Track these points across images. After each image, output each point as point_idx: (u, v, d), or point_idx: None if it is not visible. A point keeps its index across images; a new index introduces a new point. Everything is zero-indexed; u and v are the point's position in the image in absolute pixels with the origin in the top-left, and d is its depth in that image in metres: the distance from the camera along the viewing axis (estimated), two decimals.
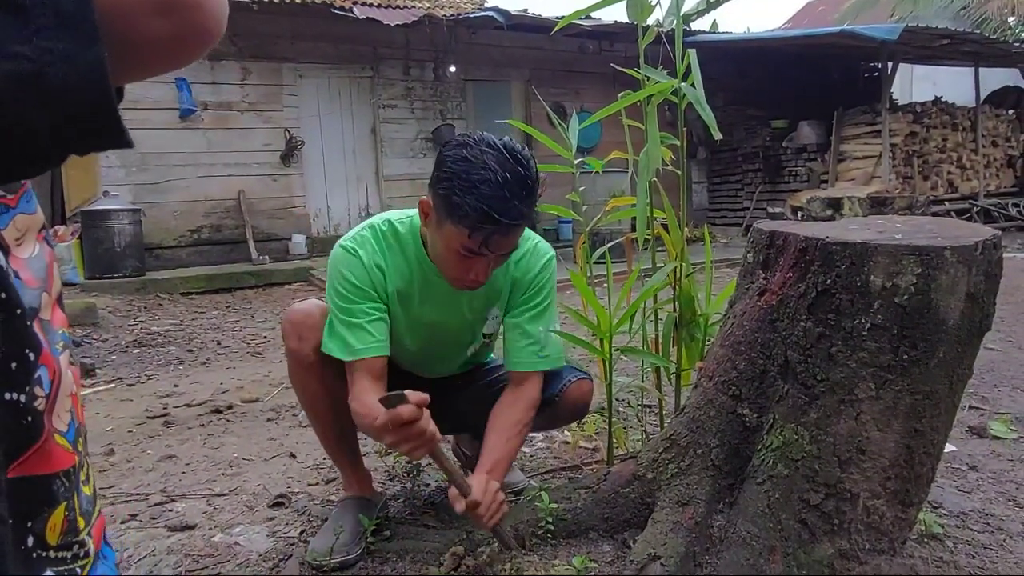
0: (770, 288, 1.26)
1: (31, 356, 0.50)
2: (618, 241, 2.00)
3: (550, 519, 1.50)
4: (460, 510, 1.32)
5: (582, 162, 1.89)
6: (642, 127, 1.70)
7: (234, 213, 7.75)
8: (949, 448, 2.01)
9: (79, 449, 0.58)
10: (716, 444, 1.35)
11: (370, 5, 7.88)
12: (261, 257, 7.46)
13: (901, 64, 9.67)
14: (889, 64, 9.17)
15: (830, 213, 8.12)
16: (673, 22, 1.73)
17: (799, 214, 8.74)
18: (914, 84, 14.39)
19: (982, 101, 10.28)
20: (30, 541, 0.52)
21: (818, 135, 9.80)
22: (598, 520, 1.53)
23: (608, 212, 1.92)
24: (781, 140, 10.24)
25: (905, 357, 1.12)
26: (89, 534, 0.59)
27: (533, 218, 1.35)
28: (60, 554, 0.55)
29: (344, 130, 8.55)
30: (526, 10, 8.59)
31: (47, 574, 0.53)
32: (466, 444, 2.00)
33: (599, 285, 1.89)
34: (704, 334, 1.76)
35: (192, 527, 1.76)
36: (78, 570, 0.57)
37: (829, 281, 1.16)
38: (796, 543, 1.20)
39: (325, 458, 2.03)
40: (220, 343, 4.42)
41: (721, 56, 9.59)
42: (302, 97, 8.15)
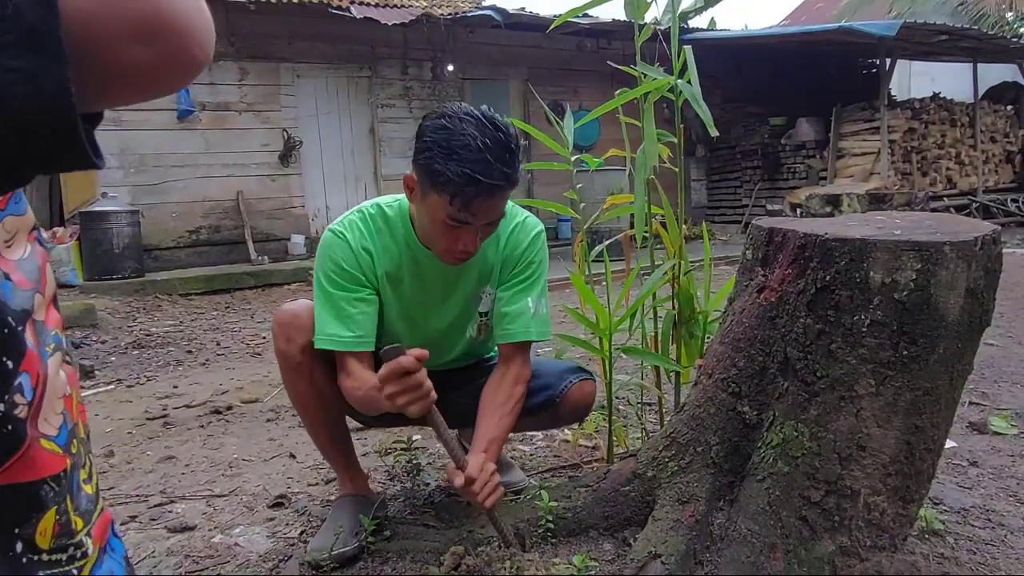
0: (769, 285, 1.26)
1: (9, 364, 0.50)
2: (616, 239, 2.00)
3: (550, 518, 1.50)
4: (458, 484, 1.32)
5: (580, 160, 1.88)
6: (640, 125, 1.69)
7: (232, 214, 7.75)
8: (949, 444, 2.00)
9: (73, 451, 0.58)
10: (716, 442, 1.35)
11: (367, 4, 7.86)
12: (260, 257, 7.45)
13: (899, 60, 9.69)
14: (887, 60, 9.17)
15: (829, 210, 8.12)
16: (670, 19, 1.72)
17: (798, 211, 8.74)
18: (912, 80, 14.39)
19: (980, 97, 10.29)
20: (19, 547, 0.52)
21: (817, 132, 9.81)
22: (598, 518, 1.53)
23: (606, 210, 1.92)
24: (779, 137, 10.24)
25: (905, 353, 1.12)
26: (88, 534, 0.59)
27: (516, 180, 1.35)
28: (54, 557, 0.54)
29: (342, 130, 8.54)
30: (524, 8, 8.59)
31: None
32: (469, 440, 2.00)
33: (598, 283, 1.88)
34: (703, 332, 1.76)
35: (192, 528, 1.76)
36: (74, 571, 0.56)
37: (828, 277, 1.15)
38: (797, 540, 1.20)
39: None
40: (219, 344, 4.42)
41: (719, 54, 9.60)
42: (300, 97, 8.14)
